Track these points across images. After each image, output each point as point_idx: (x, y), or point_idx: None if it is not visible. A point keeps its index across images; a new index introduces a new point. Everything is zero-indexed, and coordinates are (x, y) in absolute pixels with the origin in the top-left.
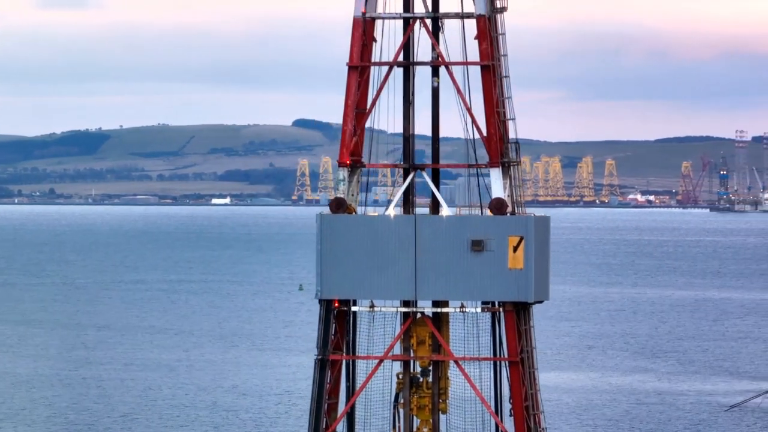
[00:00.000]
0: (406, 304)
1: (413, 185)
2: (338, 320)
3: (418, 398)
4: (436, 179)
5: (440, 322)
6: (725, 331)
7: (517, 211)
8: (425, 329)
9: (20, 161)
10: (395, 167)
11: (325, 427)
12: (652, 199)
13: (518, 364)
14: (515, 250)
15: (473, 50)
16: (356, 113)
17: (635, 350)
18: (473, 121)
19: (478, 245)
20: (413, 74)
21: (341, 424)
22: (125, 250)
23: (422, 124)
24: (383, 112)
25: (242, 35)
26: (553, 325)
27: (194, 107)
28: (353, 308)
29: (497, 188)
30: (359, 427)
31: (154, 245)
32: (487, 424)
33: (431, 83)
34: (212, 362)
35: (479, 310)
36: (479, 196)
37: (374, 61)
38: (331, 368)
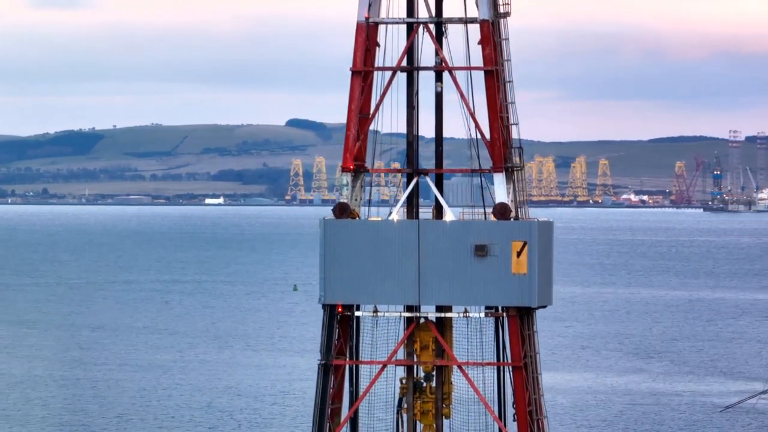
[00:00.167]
0: (409, 309)
1: (417, 190)
2: (342, 325)
3: (421, 403)
4: (439, 184)
5: (443, 326)
6: (719, 331)
7: (520, 215)
8: (428, 334)
9: (13, 161)
10: (399, 172)
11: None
12: (645, 199)
13: (521, 368)
14: (519, 255)
15: (477, 55)
16: (359, 118)
17: (629, 351)
18: (476, 125)
19: (481, 250)
20: (417, 79)
21: (344, 429)
22: (119, 250)
23: (425, 127)
24: (386, 116)
25: (235, 35)
26: (547, 326)
27: (187, 107)
28: (357, 313)
29: (501, 193)
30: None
31: (147, 245)
32: (490, 428)
33: (435, 88)
34: (206, 362)
35: (483, 315)
36: (474, 195)
37: (377, 66)
38: (334, 373)
